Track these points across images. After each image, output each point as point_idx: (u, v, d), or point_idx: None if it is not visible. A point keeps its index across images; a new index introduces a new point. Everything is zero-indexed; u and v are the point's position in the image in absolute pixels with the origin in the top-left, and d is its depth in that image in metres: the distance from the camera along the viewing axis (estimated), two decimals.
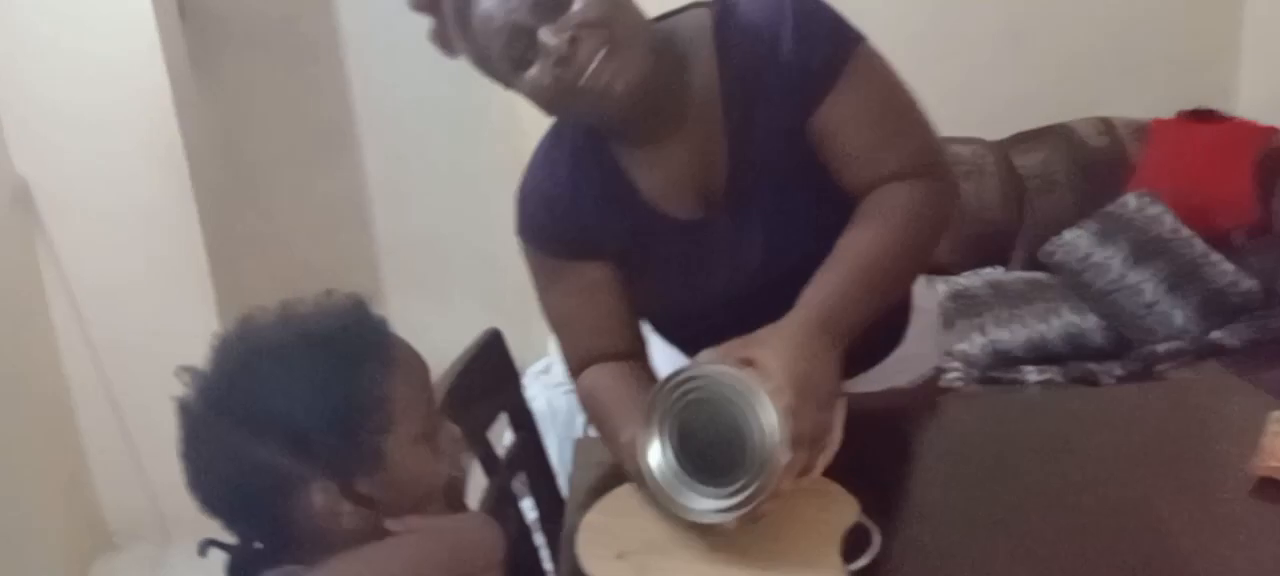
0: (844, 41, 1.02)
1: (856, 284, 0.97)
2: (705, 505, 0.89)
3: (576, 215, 1.07)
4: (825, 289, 0.96)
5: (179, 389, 0.76)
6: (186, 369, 0.76)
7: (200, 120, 2.42)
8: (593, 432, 1.94)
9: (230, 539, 0.78)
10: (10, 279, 2.18)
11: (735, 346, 0.91)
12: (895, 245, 1.00)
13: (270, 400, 0.74)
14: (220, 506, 0.77)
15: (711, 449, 0.88)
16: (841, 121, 1.01)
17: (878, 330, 1.06)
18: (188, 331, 0.81)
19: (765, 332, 0.92)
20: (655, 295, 1.12)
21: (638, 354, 1.13)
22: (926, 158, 1.04)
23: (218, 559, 0.79)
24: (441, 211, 2.86)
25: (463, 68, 0.99)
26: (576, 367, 1.13)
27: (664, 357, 1.22)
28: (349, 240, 2.95)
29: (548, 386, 1.96)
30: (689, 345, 1.19)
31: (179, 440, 0.76)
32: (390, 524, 0.77)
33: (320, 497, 0.75)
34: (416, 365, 0.81)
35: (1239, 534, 0.94)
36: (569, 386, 2.01)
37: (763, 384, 0.86)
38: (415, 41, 1.00)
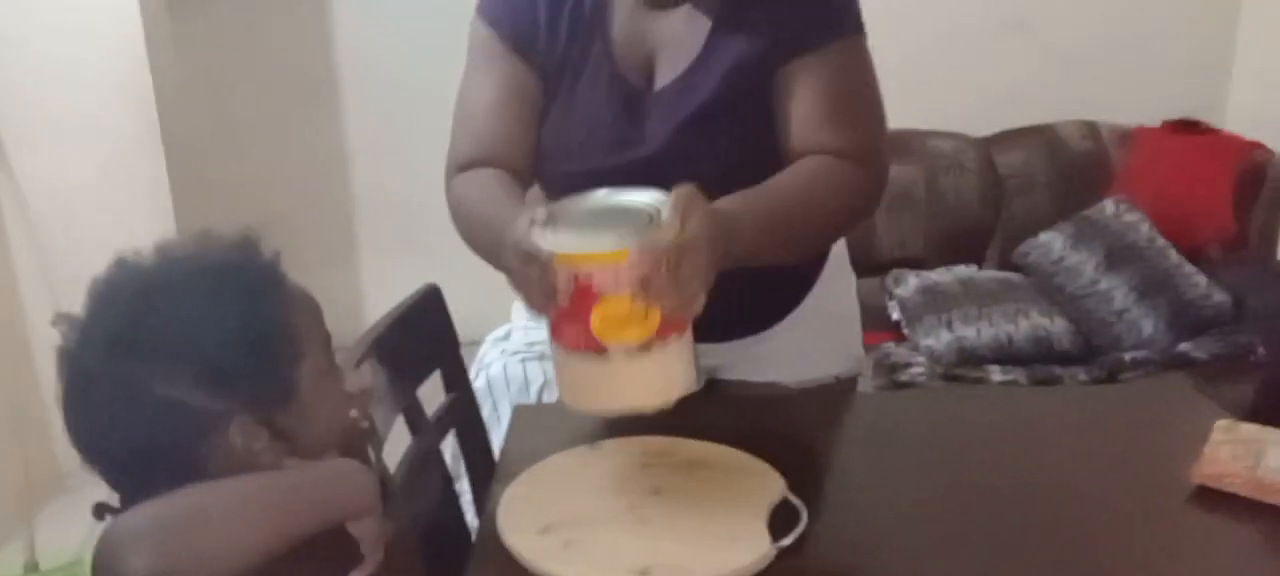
0: (846, 20, 1.08)
1: (768, 226, 0.96)
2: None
3: (540, 7, 1.10)
4: (741, 210, 0.94)
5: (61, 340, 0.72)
6: (64, 316, 0.72)
7: (175, 65, 2.37)
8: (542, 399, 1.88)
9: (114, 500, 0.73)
10: None
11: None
12: (816, 212, 1.04)
13: (177, 335, 0.71)
14: (118, 458, 0.72)
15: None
16: (807, 84, 1.05)
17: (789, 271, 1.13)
18: None
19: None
20: (549, 130, 1.13)
21: (518, 169, 1.11)
22: (867, 147, 1.07)
23: None
24: (419, 171, 2.82)
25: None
26: (454, 169, 1.11)
27: None
28: (324, 195, 2.91)
29: (506, 353, 1.94)
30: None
31: (63, 392, 0.72)
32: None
33: (239, 434, 0.72)
34: (309, 300, 0.79)
35: (1169, 538, 0.93)
36: (526, 354, 1.99)
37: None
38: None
